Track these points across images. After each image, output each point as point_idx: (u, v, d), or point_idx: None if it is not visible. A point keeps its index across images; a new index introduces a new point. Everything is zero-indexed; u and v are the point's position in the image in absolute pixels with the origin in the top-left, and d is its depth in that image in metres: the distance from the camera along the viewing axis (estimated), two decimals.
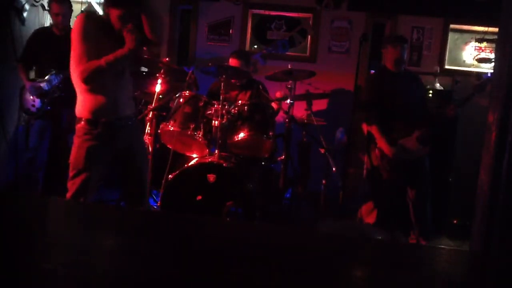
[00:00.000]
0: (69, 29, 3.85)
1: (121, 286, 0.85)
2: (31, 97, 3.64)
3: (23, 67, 3.72)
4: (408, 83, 3.61)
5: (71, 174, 2.39)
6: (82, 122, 2.37)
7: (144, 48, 2.38)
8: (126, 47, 2.29)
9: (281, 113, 3.84)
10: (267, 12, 4.99)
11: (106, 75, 2.33)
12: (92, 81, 2.31)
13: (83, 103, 2.38)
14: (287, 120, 3.49)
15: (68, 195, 2.38)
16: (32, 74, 3.78)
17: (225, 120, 3.19)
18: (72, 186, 2.38)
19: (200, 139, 3.22)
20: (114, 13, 2.30)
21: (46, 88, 3.61)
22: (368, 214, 3.65)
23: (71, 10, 3.81)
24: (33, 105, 3.65)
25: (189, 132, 3.20)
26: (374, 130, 3.46)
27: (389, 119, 3.47)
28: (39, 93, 3.60)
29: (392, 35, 4.55)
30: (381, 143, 3.43)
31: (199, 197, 3.05)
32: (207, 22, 4.96)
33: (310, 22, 4.89)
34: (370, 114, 3.51)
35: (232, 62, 3.96)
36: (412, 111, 3.51)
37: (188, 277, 0.90)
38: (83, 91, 2.37)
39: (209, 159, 3.17)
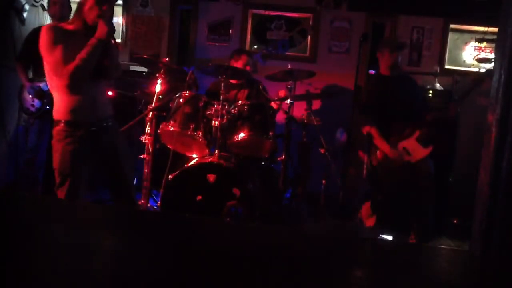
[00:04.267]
0: None
1: (121, 286, 0.85)
2: (30, 96, 3.64)
3: (21, 66, 3.71)
4: (403, 86, 3.62)
5: (58, 180, 2.32)
6: (62, 124, 2.31)
7: (113, 40, 2.33)
8: (95, 37, 2.26)
9: (281, 113, 3.84)
10: (267, 12, 4.99)
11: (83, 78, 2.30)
12: (76, 84, 2.27)
13: (61, 105, 2.33)
14: (286, 120, 3.50)
15: None
16: (30, 74, 3.78)
17: (225, 120, 3.19)
18: (61, 193, 2.32)
19: (200, 139, 3.22)
20: (91, 1, 2.28)
21: (46, 88, 3.61)
22: (368, 214, 3.65)
23: (70, 8, 3.80)
24: (33, 105, 3.65)
25: (189, 132, 3.20)
26: (373, 132, 3.47)
27: (387, 121, 3.48)
28: (39, 93, 3.60)
29: (390, 39, 4.53)
30: (382, 145, 3.43)
31: (199, 197, 3.05)
32: (207, 22, 4.96)
33: (310, 22, 4.89)
34: (369, 117, 3.53)
35: (244, 59, 3.94)
36: (410, 113, 3.52)
37: (188, 277, 0.90)
38: (61, 93, 2.32)
39: (209, 159, 3.17)
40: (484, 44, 4.64)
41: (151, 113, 3.23)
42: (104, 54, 2.33)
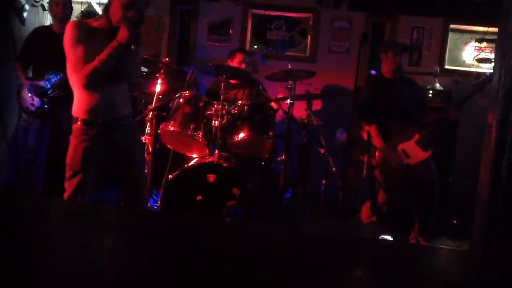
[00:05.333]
0: None
1: (121, 286, 0.85)
2: (30, 95, 3.63)
3: (21, 65, 3.71)
4: (404, 89, 3.63)
5: (67, 174, 2.38)
6: (79, 123, 2.36)
7: (133, 47, 2.33)
8: (116, 40, 2.27)
9: (281, 113, 3.84)
10: (267, 12, 4.99)
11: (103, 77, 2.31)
12: (93, 84, 2.30)
13: (79, 103, 2.37)
14: (286, 120, 3.49)
15: (66, 195, 2.37)
16: (29, 73, 3.78)
17: (225, 120, 3.19)
18: (69, 187, 2.37)
19: (200, 139, 3.22)
20: (118, 2, 2.29)
21: (46, 87, 3.61)
22: (368, 214, 3.65)
23: (71, 8, 3.80)
24: (32, 104, 3.65)
25: (189, 132, 3.20)
26: (372, 129, 3.47)
27: (387, 124, 3.48)
28: (39, 92, 3.60)
29: (394, 41, 4.53)
30: (377, 142, 3.44)
31: (199, 197, 3.05)
32: (207, 22, 4.96)
33: (310, 22, 4.90)
34: (369, 116, 3.53)
35: (239, 56, 3.97)
36: (409, 116, 3.53)
37: (188, 277, 0.90)
38: (80, 91, 2.36)
39: (209, 159, 3.17)
40: (484, 44, 4.65)
41: (151, 113, 3.23)
42: (124, 58, 2.34)
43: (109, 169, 2.52)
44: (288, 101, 3.54)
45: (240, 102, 3.39)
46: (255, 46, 5.06)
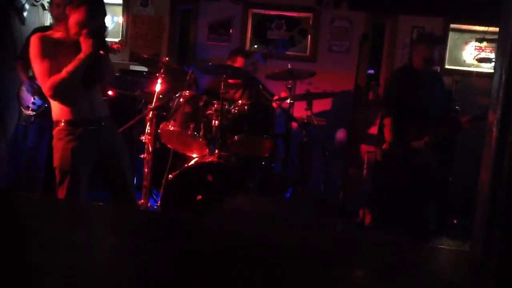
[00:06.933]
0: None
1: (121, 286, 0.85)
2: (30, 94, 3.64)
3: (22, 65, 3.71)
4: (432, 83, 3.49)
5: (58, 178, 2.36)
6: (62, 124, 2.36)
7: (101, 52, 2.34)
8: (82, 52, 2.28)
9: (281, 113, 3.84)
10: (267, 12, 4.99)
11: (73, 89, 2.32)
12: (60, 94, 2.31)
13: (59, 107, 2.38)
14: (286, 120, 3.49)
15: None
16: (29, 73, 3.77)
17: (225, 120, 3.19)
18: (61, 191, 2.35)
19: (200, 139, 3.22)
20: (74, 17, 2.30)
21: None
22: (368, 214, 3.65)
23: None
24: (34, 103, 3.65)
25: (189, 132, 3.19)
26: (387, 121, 3.37)
27: (403, 120, 3.38)
28: (39, 91, 3.60)
29: (428, 33, 4.35)
30: (387, 134, 3.34)
31: (199, 197, 3.05)
32: (207, 22, 4.96)
33: (310, 22, 4.89)
34: (391, 110, 3.42)
35: (240, 61, 3.96)
36: (431, 113, 3.42)
37: (188, 276, 0.90)
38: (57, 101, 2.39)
39: (209, 159, 3.17)
40: (484, 43, 4.64)
41: (151, 112, 3.23)
42: (94, 63, 2.34)
43: (97, 169, 2.52)
44: (288, 100, 3.54)
45: (240, 101, 3.39)
46: (255, 46, 5.06)
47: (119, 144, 2.58)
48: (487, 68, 4.62)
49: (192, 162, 3.28)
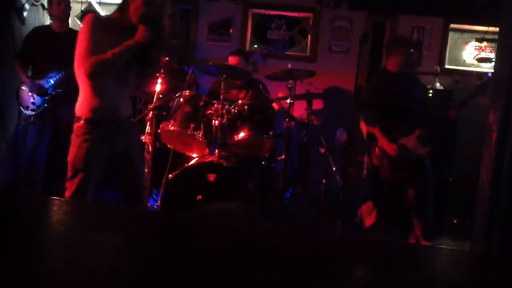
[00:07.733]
0: (67, 28, 3.84)
1: (121, 286, 0.85)
2: (30, 94, 3.63)
3: (20, 64, 3.71)
4: (409, 84, 3.61)
5: (69, 174, 2.37)
6: (82, 121, 2.36)
7: (153, 41, 2.32)
8: (134, 39, 2.26)
9: (281, 113, 3.84)
10: (267, 12, 4.99)
11: (109, 73, 2.31)
12: (97, 75, 2.29)
13: (83, 102, 2.37)
14: (286, 120, 3.49)
15: (67, 194, 2.37)
16: (29, 73, 3.77)
17: (225, 119, 3.19)
18: (71, 186, 2.37)
19: (200, 139, 3.22)
20: (133, 5, 2.28)
21: (47, 85, 3.61)
22: (368, 214, 3.65)
23: (70, 7, 3.80)
24: (33, 103, 3.65)
25: (189, 132, 3.20)
26: (376, 131, 3.46)
27: (389, 119, 3.47)
28: (40, 90, 3.60)
29: (404, 37, 4.45)
30: (383, 143, 3.43)
31: (199, 197, 3.05)
32: (207, 22, 4.96)
33: (311, 22, 4.89)
34: (371, 115, 3.52)
35: (232, 60, 3.97)
36: (412, 112, 3.52)
37: (188, 277, 0.90)
38: (86, 89, 2.36)
39: (209, 159, 3.17)
40: (484, 43, 4.65)
41: (151, 112, 3.23)
42: (142, 53, 2.34)
43: (110, 169, 2.53)
44: (288, 100, 3.54)
45: (240, 101, 3.39)
46: (255, 46, 5.06)
47: (134, 145, 2.59)
48: (487, 68, 4.62)
49: (192, 162, 3.28)
